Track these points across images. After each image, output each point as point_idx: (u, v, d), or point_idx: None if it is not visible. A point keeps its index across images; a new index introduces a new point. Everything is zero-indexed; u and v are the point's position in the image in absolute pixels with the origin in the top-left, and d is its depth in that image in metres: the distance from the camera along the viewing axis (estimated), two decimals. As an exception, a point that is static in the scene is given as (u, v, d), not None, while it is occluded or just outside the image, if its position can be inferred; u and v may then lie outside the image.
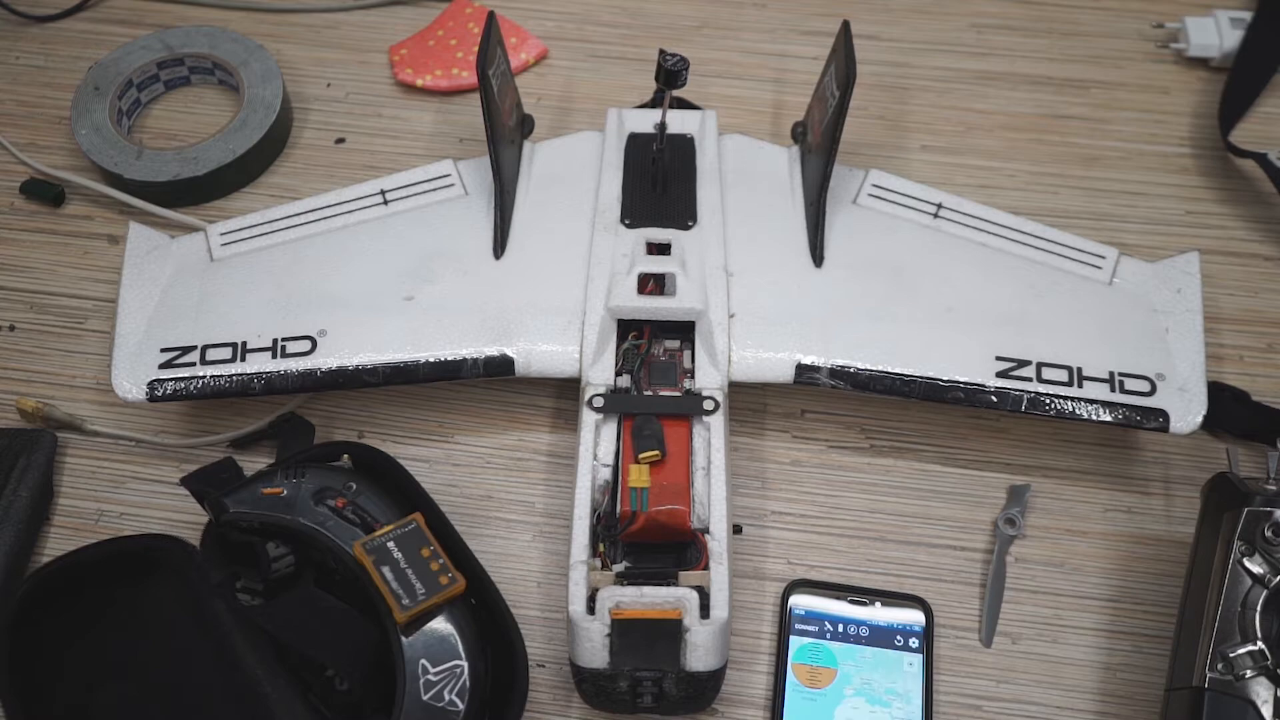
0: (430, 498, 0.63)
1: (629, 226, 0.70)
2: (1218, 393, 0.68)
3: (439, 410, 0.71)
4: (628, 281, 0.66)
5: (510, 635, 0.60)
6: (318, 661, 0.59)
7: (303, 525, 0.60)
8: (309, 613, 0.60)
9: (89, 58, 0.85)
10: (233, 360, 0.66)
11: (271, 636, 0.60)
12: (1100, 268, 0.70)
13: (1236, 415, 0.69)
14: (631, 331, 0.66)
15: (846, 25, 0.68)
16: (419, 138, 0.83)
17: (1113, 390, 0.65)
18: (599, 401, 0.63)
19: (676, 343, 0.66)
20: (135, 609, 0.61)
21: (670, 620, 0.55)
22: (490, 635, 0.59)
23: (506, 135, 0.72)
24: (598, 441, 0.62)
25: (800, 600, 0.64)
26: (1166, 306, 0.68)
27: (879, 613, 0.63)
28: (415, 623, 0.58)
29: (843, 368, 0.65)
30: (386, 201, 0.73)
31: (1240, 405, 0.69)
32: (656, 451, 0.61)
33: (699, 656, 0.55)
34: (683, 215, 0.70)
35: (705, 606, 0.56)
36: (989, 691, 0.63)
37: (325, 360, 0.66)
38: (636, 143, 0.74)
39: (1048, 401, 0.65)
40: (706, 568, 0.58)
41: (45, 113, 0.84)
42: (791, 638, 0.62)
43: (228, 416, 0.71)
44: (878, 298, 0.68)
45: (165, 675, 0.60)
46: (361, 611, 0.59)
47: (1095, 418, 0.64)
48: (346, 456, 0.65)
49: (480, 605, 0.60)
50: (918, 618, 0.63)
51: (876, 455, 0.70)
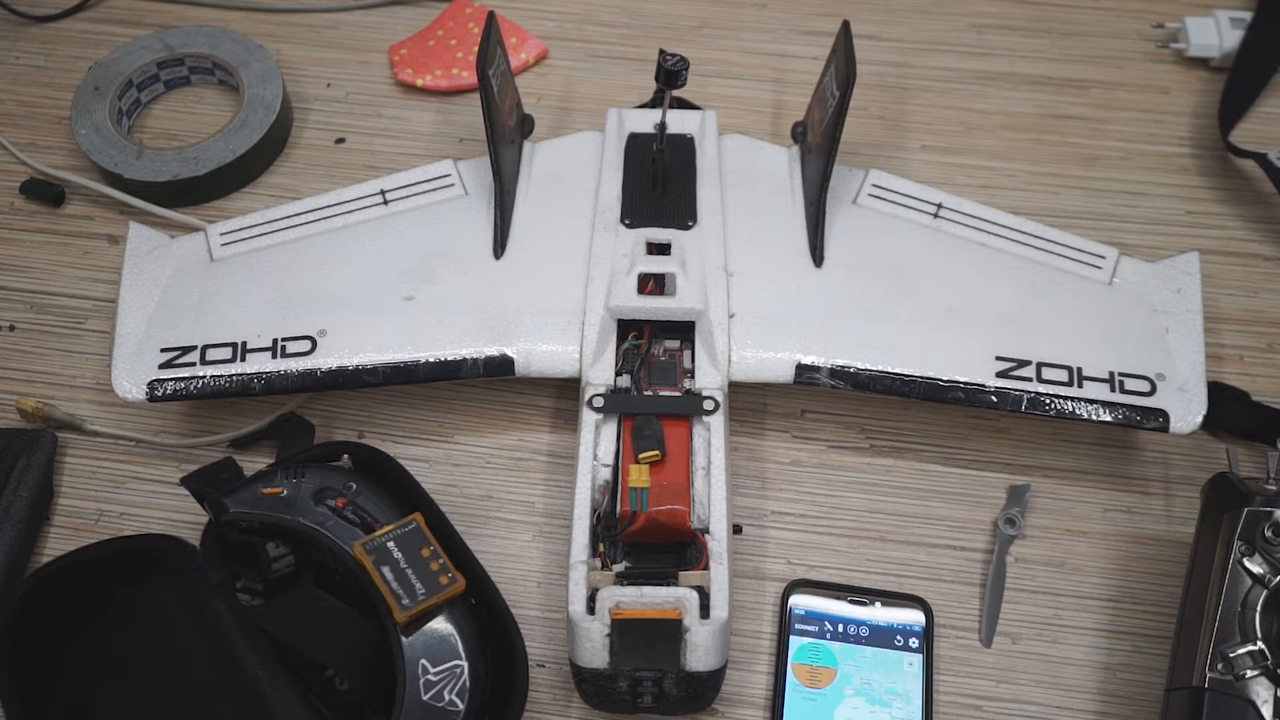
0: (430, 498, 0.63)
1: (629, 226, 0.70)
2: (1218, 393, 0.68)
3: (439, 410, 0.71)
4: (628, 281, 0.66)
5: (510, 635, 0.60)
6: (318, 661, 0.59)
7: (303, 525, 0.60)
8: (309, 613, 0.60)
9: (89, 58, 0.85)
10: (233, 360, 0.66)
11: (271, 636, 0.60)
12: (1100, 268, 0.70)
13: (1236, 415, 0.69)
14: (631, 331, 0.66)
15: (846, 25, 0.68)
16: (419, 138, 0.83)
17: (1113, 390, 0.65)
18: (599, 401, 0.63)
19: (676, 343, 0.66)
20: (135, 609, 0.61)
21: (670, 620, 0.55)
22: (490, 635, 0.59)
23: (506, 135, 0.72)
24: (598, 441, 0.62)
25: (800, 600, 0.64)
26: (1166, 306, 0.68)
27: (879, 613, 0.63)
28: (415, 623, 0.58)
29: (843, 368, 0.65)
30: (386, 201, 0.73)
31: (1240, 405, 0.69)
32: (656, 451, 0.61)
33: (699, 656, 0.55)
34: (683, 215, 0.70)
35: (705, 606, 0.56)
36: (989, 691, 0.63)
37: (325, 360, 0.66)
38: (636, 143, 0.74)
39: (1048, 401, 0.65)
40: (706, 568, 0.58)
41: (45, 113, 0.84)
42: (791, 638, 0.62)
43: (228, 416, 0.71)
44: (878, 298, 0.68)
45: (165, 675, 0.60)
46: (361, 611, 0.59)
47: (1095, 418, 0.64)
48: (346, 456, 0.65)
49: (480, 605, 0.60)
50: (918, 618, 0.63)
51: (876, 455, 0.70)
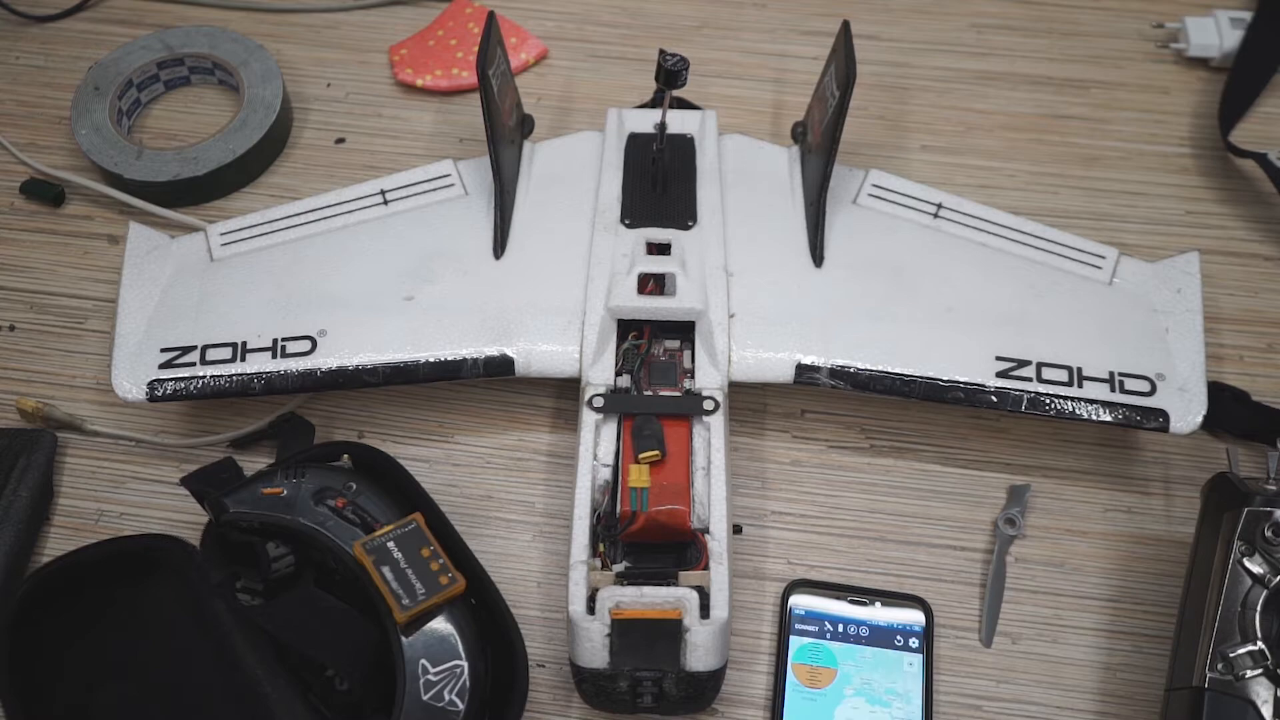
0: (430, 498, 0.63)
1: (629, 226, 0.70)
2: (1218, 393, 0.68)
3: (439, 410, 0.71)
4: (628, 281, 0.66)
5: (510, 635, 0.60)
6: (318, 661, 0.59)
7: (303, 525, 0.60)
8: (309, 613, 0.60)
9: (89, 58, 0.85)
10: (233, 360, 0.66)
11: (271, 636, 0.60)
12: (1100, 268, 0.70)
13: (1236, 415, 0.69)
14: (631, 331, 0.66)
15: (846, 25, 0.68)
16: (419, 138, 0.83)
17: (1113, 390, 0.65)
18: (599, 401, 0.63)
19: (676, 343, 0.66)
20: (135, 609, 0.61)
21: (670, 620, 0.55)
22: (490, 635, 0.59)
23: (506, 135, 0.72)
24: (598, 441, 0.62)
25: (800, 600, 0.64)
26: (1166, 306, 0.68)
27: (879, 613, 0.63)
28: (415, 623, 0.58)
29: (843, 368, 0.65)
30: (386, 201, 0.73)
31: (1240, 405, 0.69)
32: (656, 451, 0.61)
33: (699, 656, 0.55)
34: (683, 215, 0.70)
35: (705, 606, 0.56)
36: (989, 691, 0.63)
37: (325, 360, 0.66)
38: (636, 143, 0.74)
39: (1048, 401, 0.65)
40: (706, 568, 0.58)
41: (45, 113, 0.84)
42: (791, 638, 0.62)
43: (228, 416, 0.71)
44: (878, 298, 0.68)
45: (165, 675, 0.60)
46: (361, 611, 0.59)
47: (1095, 418, 0.64)
48: (346, 456, 0.65)
49: (480, 605, 0.60)
50: (918, 618, 0.63)
51: (876, 455, 0.70)
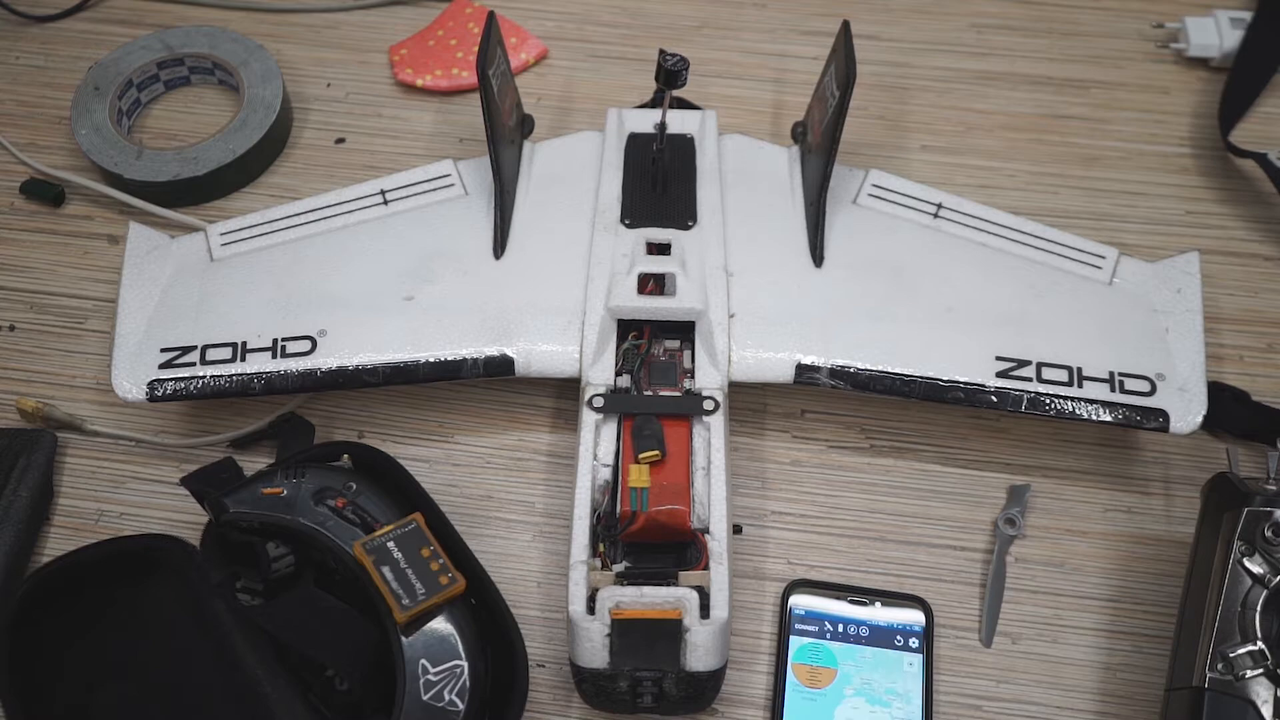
0: (430, 498, 0.63)
1: (629, 226, 0.70)
2: (1218, 393, 0.68)
3: (439, 410, 0.71)
4: (628, 281, 0.66)
5: (510, 635, 0.60)
6: (318, 661, 0.59)
7: (303, 525, 0.60)
8: (309, 613, 0.60)
9: (89, 58, 0.85)
10: (233, 360, 0.66)
11: (271, 636, 0.60)
12: (1100, 268, 0.70)
13: (1236, 415, 0.69)
14: (631, 331, 0.66)
15: (846, 25, 0.68)
16: (419, 138, 0.83)
17: (1113, 390, 0.65)
18: (599, 401, 0.63)
19: (676, 343, 0.66)
20: (135, 609, 0.61)
21: (670, 620, 0.55)
22: (490, 635, 0.59)
23: (506, 135, 0.72)
24: (598, 441, 0.62)
25: (800, 600, 0.64)
26: (1166, 306, 0.68)
27: (879, 613, 0.63)
28: (415, 623, 0.58)
29: (843, 368, 0.65)
30: (386, 201, 0.73)
31: (1240, 405, 0.69)
32: (656, 451, 0.61)
33: (699, 656, 0.55)
34: (683, 215, 0.70)
35: (705, 606, 0.56)
36: (989, 691, 0.63)
37: (325, 360, 0.66)
38: (636, 143, 0.74)
39: (1048, 401, 0.65)
40: (706, 568, 0.58)
41: (45, 113, 0.84)
42: (791, 638, 0.62)
43: (228, 416, 0.71)
44: (878, 298, 0.68)
45: (165, 675, 0.60)
46: (361, 611, 0.59)
47: (1095, 418, 0.64)
48: (346, 456, 0.65)
49: (480, 605, 0.60)
50: (918, 618, 0.63)
51: (876, 455, 0.70)
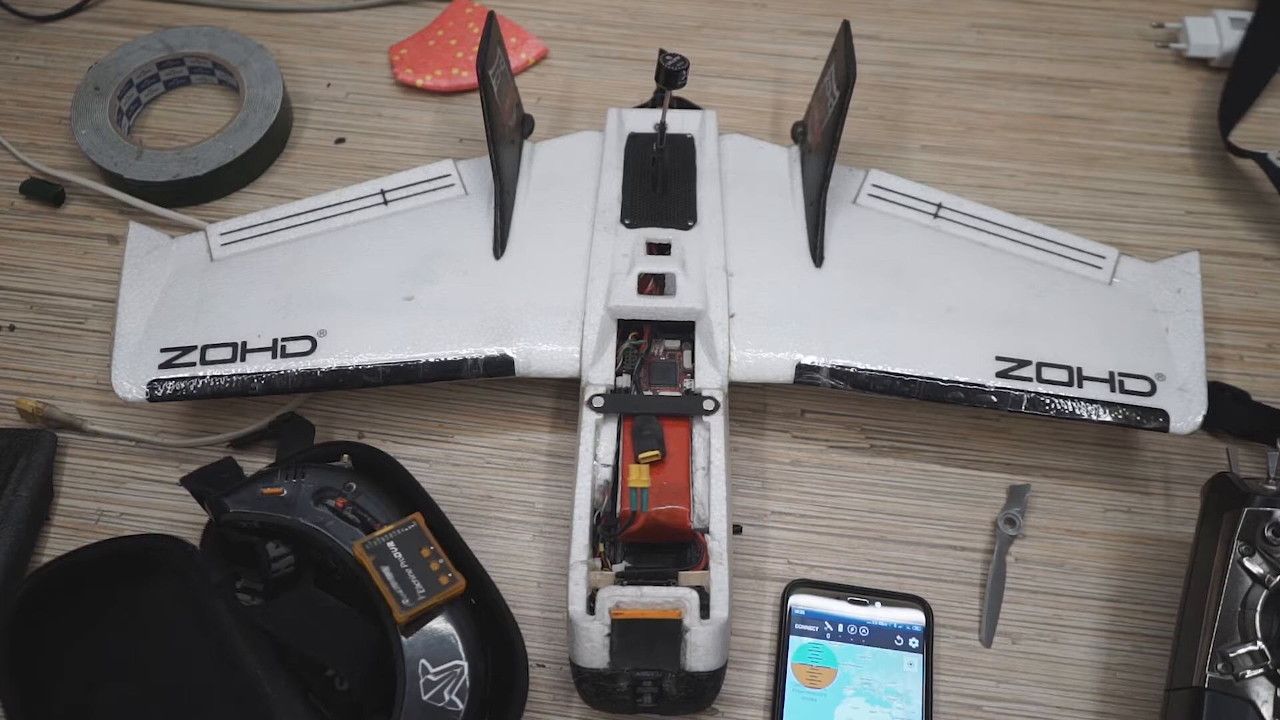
0: (430, 498, 0.63)
1: (629, 226, 0.70)
2: (1218, 393, 0.68)
3: (439, 410, 0.71)
4: (628, 281, 0.66)
5: (510, 635, 0.60)
6: (318, 661, 0.59)
7: (303, 525, 0.60)
8: (309, 613, 0.60)
9: (89, 58, 0.85)
10: (233, 360, 0.66)
11: (271, 636, 0.60)
12: (1100, 268, 0.70)
13: (1236, 415, 0.69)
14: (631, 331, 0.66)
15: (846, 25, 0.68)
16: (419, 138, 0.83)
17: (1113, 390, 0.65)
18: (599, 401, 0.63)
19: (676, 343, 0.66)
20: (135, 609, 0.61)
21: (670, 620, 0.55)
22: (490, 635, 0.59)
23: (506, 135, 0.72)
24: (598, 441, 0.62)
25: (800, 600, 0.64)
26: (1166, 306, 0.68)
27: (879, 613, 0.63)
28: (415, 623, 0.58)
29: (843, 368, 0.65)
30: (386, 201, 0.73)
31: (1240, 405, 0.69)
32: (656, 451, 0.61)
33: (699, 656, 0.55)
34: (683, 215, 0.70)
35: (705, 606, 0.56)
36: (989, 691, 0.63)
37: (325, 360, 0.66)
38: (636, 143, 0.74)
39: (1048, 401, 0.65)
40: (706, 568, 0.58)
41: (45, 113, 0.84)
42: (791, 638, 0.62)
43: (228, 416, 0.71)
44: (878, 298, 0.68)
45: (165, 675, 0.60)
46: (361, 611, 0.59)
47: (1095, 418, 0.64)
48: (346, 456, 0.65)
49: (480, 605, 0.60)
50: (918, 618, 0.63)
51: (876, 455, 0.70)
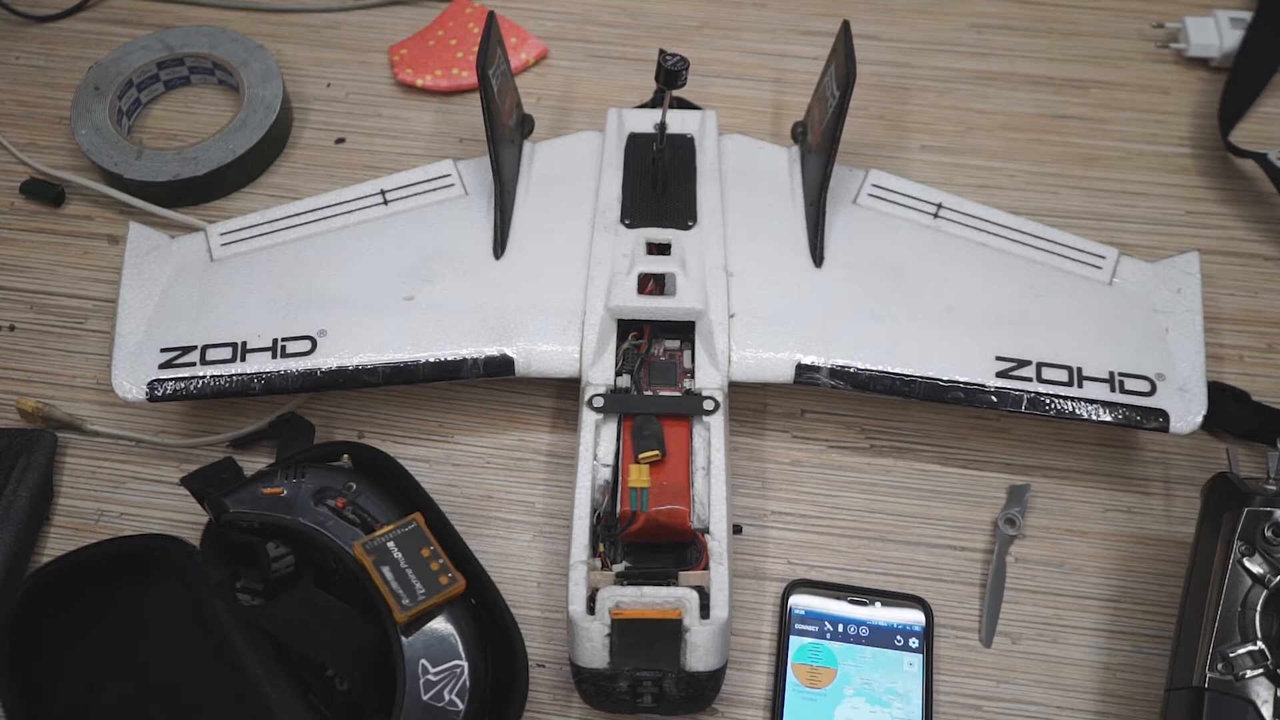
0: (430, 498, 0.63)
1: (629, 226, 0.70)
2: (1218, 393, 0.68)
3: (439, 410, 0.71)
4: (628, 281, 0.66)
5: (510, 635, 0.60)
6: (318, 661, 0.59)
7: (303, 525, 0.60)
8: (309, 613, 0.60)
9: (89, 58, 0.85)
10: (233, 360, 0.66)
11: (271, 636, 0.60)
12: (1100, 268, 0.70)
13: (1236, 415, 0.69)
14: (631, 331, 0.66)
15: (846, 25, 0.68)
16: (419, 138, 0.83)
17: (1113, 390, 0.65)
18: (599, 401, 0.63)
19: (676, 343, 0.66)
20: (135, 609, 0.61)
21: (670, 620, 0.55)
22: (490, 635, 0.59)
23: (506, 135, 0.72)
24: (598, 441, 0.62)
25: (800, 600, 0.64)
26: (1166, 306, 0.68)
27: (879, 613, 0.63)
28: (415, 623, 0.58)
29: (843, 368, 0.65)
30: (386, 201, 0.73)
31: (1240, 405, 0.69)
32: (656, 451, 0.61)
33: (699, 656, 0.55)
34: (683, 215, 0.70)
35: (705, 606, 0.56)
36: (989, 691, 0.63)
37: (325, 360, 0.66)
38: (636, 143, 0.74)
39: (1048, 401, 0.65)
40: (706, 568, 0.58)
41: (45, 113, 0.84)
42: (791, 638, 0.62)
43: (228, 416, 0.71)
44: (878, 298, 0.68)
45: (165, 675, 0.60)
46: (361, 611, 0.59)
47: (1095, 418, 0.64)
48: (346, 456, 0.65)
49: (480, 605, 0.60)
50: (918, 618, 0.63)
51: (876, 455, 0.70)
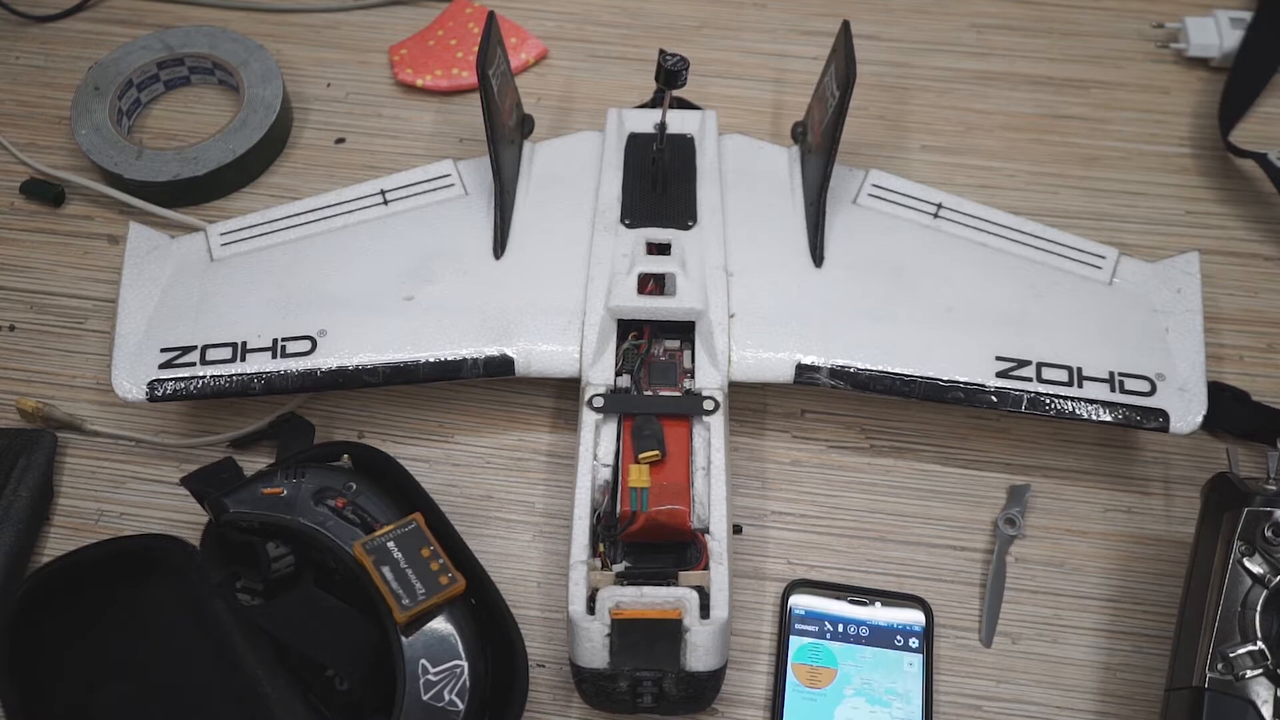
0: (430, 498, 0.63)
1: (629, 226, 0.70)
2: (1218, 393, 0.68)
3: (439, 410, 0.71)
4: (628, 281, 0.66)
5: (510, 635, 0.60)
6: (318, 661, 0.59)
7: (303, 525, 0.60)
8: (309, 613, 0.60)
9: (89, 58, 0.85)
10: (233, 360, 0.66)
11: (271, 636, 0.60)
12: (1100, 268, 0.70)
13: (1236, 415, 0.69)
14: (631, 331, 0.66)
15: (846, 25, 0.68)
16: (419, 138, 0.83)
17: (1113, 390, 0.65)
18: (599, 401, 0.63)
19: (676, 343, 0.66)
20: (135, 609, 0.61)
21: (670, 620, 0.55)
22: (490, 635, 0.59)
23: (506, 135, 0.72)
24: (598, 441, 0.62)
25: (800, 600, 0.64)
26: (1166, 306, 0.68)
27: (879, 613, 0.63)
28: (415, 623, 0.58)
29: (843, 368, 0.65)
30: (386, 201, 0.73)
31: (1240, 405, 0.69)
32: (656, 451, 0.61)
33: (699, 656, 0.55)
34: (683, 215, 0.70)
35: (705, 606, 0.56)
36: (989, 691, 0.63)
37: (325, 360, 0.66)
38: (636, 143, 0.74)
39: (1048, 401, 0.65)
40: (706, 568, 0.58)
41: (45, 113, 0.84)
42: (791, 638, 0.62)
43: (228, 416, 0.71)
44: (878, 298, 0.68)
45: (165, 675, 0.60)
46: (361, 611, 0.59)
47: (1095, 418, 0.64)
48: (346, 456, 0.65)
49: (480, 605, 0.60)
50: (918, 618, 0.63)
51: (876, 455, 0.70)
